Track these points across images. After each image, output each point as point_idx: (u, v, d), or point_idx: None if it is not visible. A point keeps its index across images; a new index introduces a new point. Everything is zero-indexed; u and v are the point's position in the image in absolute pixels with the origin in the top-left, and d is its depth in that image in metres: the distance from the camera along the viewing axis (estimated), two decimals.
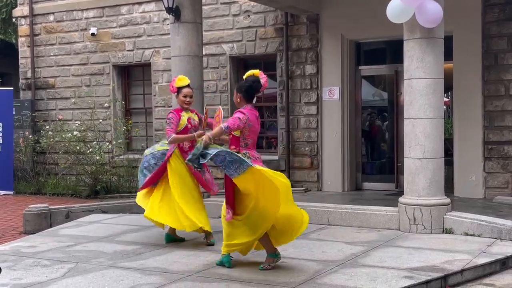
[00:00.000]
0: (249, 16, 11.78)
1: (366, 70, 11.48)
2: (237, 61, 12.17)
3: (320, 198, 9.82)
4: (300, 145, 11.36)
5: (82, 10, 13.62)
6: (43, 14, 14.13)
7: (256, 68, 6.13)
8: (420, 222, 7.42)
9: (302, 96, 11.31)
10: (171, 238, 7.23)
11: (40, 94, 14.25)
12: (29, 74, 14.30)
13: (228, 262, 5.89)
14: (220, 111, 6.37)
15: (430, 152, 7.45)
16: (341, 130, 10.95)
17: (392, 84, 11.13)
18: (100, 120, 12.91)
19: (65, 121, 13.53)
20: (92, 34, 13.42)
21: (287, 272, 5.64)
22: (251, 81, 5.87)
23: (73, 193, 12.22)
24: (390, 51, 11.28)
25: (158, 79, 12.77)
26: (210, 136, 5.68)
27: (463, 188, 9.86)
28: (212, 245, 6.96)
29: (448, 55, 8.06)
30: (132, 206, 9.57)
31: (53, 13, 14.00)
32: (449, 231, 7.35)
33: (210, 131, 6.19)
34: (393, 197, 9.32)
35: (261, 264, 5.80)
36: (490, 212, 8.01)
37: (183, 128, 7.01)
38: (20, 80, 14.55)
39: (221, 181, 11.94)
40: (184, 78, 7.26)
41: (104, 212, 9.46)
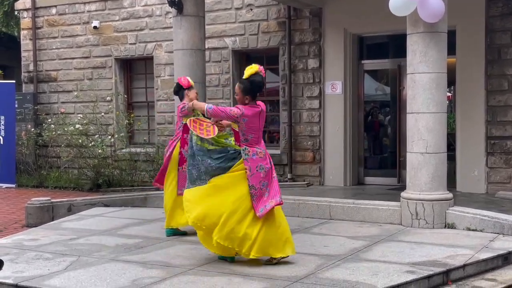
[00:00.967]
0: (251, 9, 11.74)
1: (369, 64, 11.44)
2: (240, 55, 12.14)
3: (322, 193, 9.82)
4: (302, 139, 11.35)
5: (84, 3, 13.59)
6: (45, 7, 14.10)
7: (258, 62, 6.11)
8: (422, 217, 7.41)
9: (305, 90, 11.29)
10: (172, 232, 7.24)
11: (42, 87, 14.24)
12: (31, 67, 14.30)
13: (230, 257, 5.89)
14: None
15: (433, 147, 7.44)
16: (343, 125, 10.92)
17: (395, 79, 11.12)
18: (102, 114, 12.90)
19: (67, 115, 13.52)
20: (94, 27, 13.39)
21: (289, 266, 5.64)
22: (259, 80, 5.82)
23: (75, 186, 12.23)
24: (393, 45, 11.24)
25: (161, 72, 12.75)
26: (193, 104, 6.24)
27: (465, 183, 9.85)
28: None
29: (451, 49, 8.04)
30: (134, 200, 9.61)
31: (55, 6, 13.96)
32: (451, 226, 7.34)
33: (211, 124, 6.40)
34: (395, 191, 9.32)
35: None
36: (493, 207, 8.00)
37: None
38: (22, 73, 14.54)
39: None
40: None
41: (106, 205, 9.47)
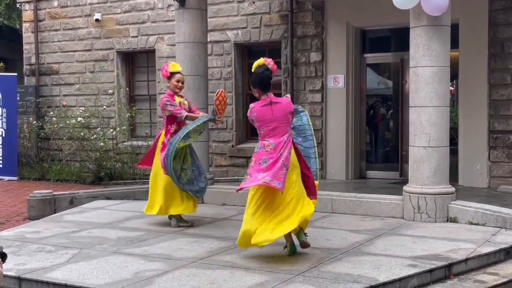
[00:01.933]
0: (254, 2, 11.70)
1: (371, 58, 11.41)
2: (242, 48, 12.11)
3: (324, 186, 9.76)
4: None
5: None
6: None
7: (260, 56, 6.12)
8: (425, 210, 7.41)
9: (307, 84, 11.26)
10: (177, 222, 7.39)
11: (44, 80, 14.22)
12: (33, 60, 14.28)
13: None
14: (221, 94, 6.59)
15: (435, 141, 7.42)
16: (345, 118, 10.90)
17: (398, 72, 11.08)
18: (104, 107, 12.90)
19: (69, 107, 13.51)
20: (96, 20, 13.36)
21: (291, 260, 5.64)
22: (261, 72, 5.83)
23: (77, 179, 12.25)
24: (395, 39, 11.21)
25: (163, 65, 12.68)
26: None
27: (467, 177, 9.84)
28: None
29: (454, 43, 7.99)
30: (136, 193, 9.60)
31: None
32: (454, 220, 7.34)
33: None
34: (397, 185, 9.31)
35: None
36: (495, 201, 7.99)
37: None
38: (24, 66, 14.52)
39: (224, 169, 11.98)
40: (177, 65, 7.56)
41: (108, 198, 9.47)
